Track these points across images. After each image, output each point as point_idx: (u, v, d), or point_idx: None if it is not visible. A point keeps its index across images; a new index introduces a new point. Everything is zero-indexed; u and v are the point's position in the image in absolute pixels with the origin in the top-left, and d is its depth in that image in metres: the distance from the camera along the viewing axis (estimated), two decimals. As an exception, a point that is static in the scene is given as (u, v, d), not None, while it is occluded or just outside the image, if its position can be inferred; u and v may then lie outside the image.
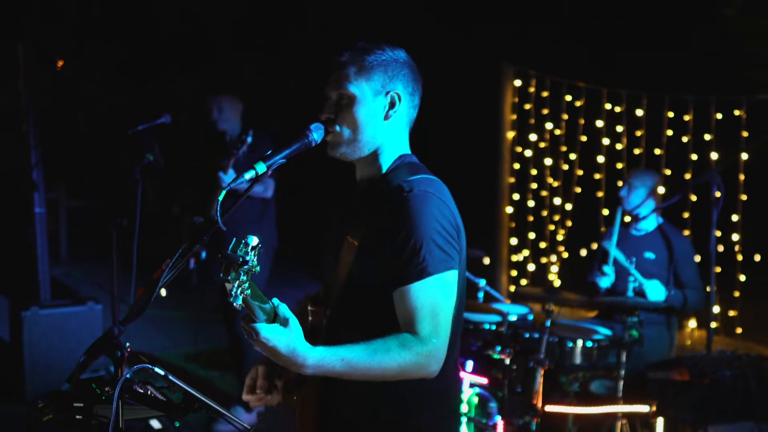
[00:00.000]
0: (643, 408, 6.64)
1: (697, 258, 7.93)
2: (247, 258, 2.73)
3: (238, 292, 2.76)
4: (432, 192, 3.23)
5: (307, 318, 3.51)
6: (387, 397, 3.27)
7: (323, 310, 3.48)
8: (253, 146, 7.78)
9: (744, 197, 9.97)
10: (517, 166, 11.65)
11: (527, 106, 11.44)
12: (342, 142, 3.35)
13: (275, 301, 2.99)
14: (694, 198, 10.29)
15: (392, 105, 3.39)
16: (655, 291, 7.35)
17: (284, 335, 2.90)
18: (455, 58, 15.90)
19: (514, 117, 11.50)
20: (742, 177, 9.92)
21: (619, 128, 10.85)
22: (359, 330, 3.15)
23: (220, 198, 3.02)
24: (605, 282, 7.69)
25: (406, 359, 3.05)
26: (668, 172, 10.55)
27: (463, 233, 3.36)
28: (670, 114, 10.40)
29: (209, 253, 8.19)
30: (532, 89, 11.41)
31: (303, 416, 3.46)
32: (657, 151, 10.59)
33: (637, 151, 10.80)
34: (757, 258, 10.59)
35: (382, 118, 3.39)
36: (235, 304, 2.78)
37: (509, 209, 11.64)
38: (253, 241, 2.77)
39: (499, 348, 6.75)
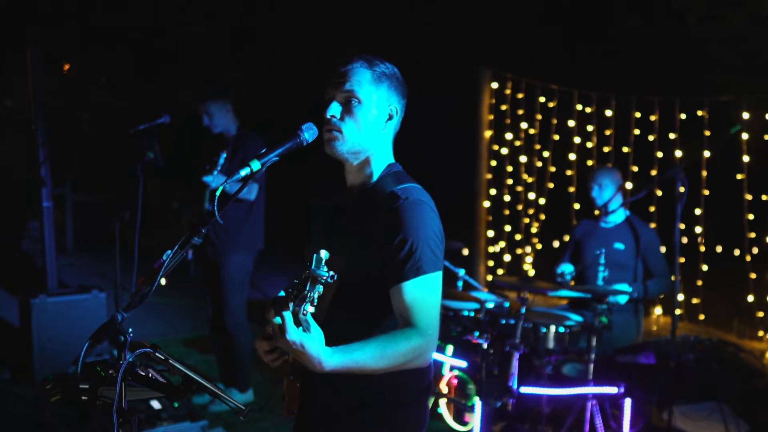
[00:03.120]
0: (612, 389, 6.66)
1: (663, 249, 7.96)
2: (324, 274, 2.73)
3: (308, 305, 2.78)
4: (425, 201, 3.32)
5: None
6: (367, 378, 3.25)
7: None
8: (240, 150, 7.78)
9: (706, 192, 9.99)
10: (494, 163, 11.64)
11: (503, 107, 11.43)
12: (343, 142, 3.36)
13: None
14: (659, 193, 10.30)
15: (390, 117, 3.45)
16: (619, 297, 7.40)
17: (311, 341, 2.85)
18: (437, 62, 15.92)
19: (491, 117, 11.49)
20: (704, 173, 9.94)
21: (590, 128, 10.86)
22: (354, 319, 3.21)
23: (218, 193, 3.01)
24: (567, 277, 7.74)
25: (411, 351, 3.12)
26: (635, 168, 10.57)
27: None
28: (637, 114, 10.40)
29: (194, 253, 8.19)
30: (508, 91, 11.40)
31: (290, 392, 3.48)
32: (625, 149, 10.61)
33: (606, 149, 10.81)
34: (719, 249, 10.62)
35: (381, 128, 3.43)
36: (307, 313, 2.80)
37: (486, 203, 11.64)
38: (325, 254, 2.77)
39: (477, 333, 6.75)
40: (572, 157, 11.15)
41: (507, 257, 12.05)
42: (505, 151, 11.58)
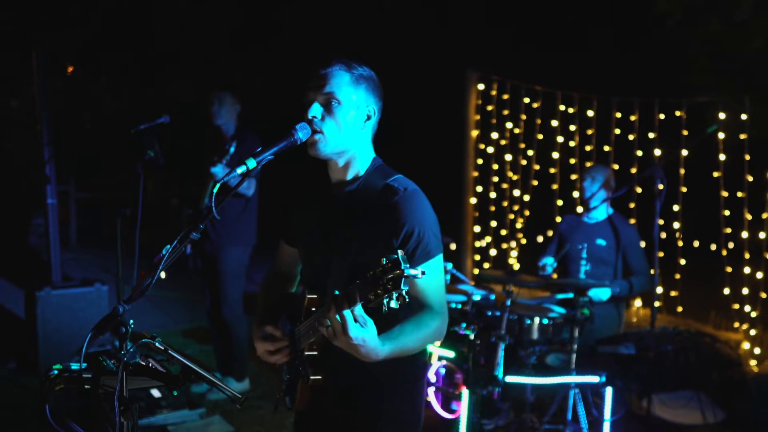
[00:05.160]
0: (594, 379, 6.66)
1: (642, 244, 7.97)
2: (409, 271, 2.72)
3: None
4: (420, 190, 3.43)
5: (301, 301, 3.50)
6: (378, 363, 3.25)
7: (319, 297, 3.44)
8: (240, 146, 7.75)
9: (684, 189, 9.99)
10: (480, 161, 11.64)
11: (489, 108, 11.43)
12: (326, 143, 3.36)
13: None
14: (639, 190, 10.31)
15: (368, 118, 3.48)
16: (601, 293, 7.41)
17: (371, 336, 2.94)
18: (427, 65, 15.92)
19: (478, 117, 11.49)
20: (682, 171, 9.94)
21: (572, 127, 10.86)
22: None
23: (215, 190, 3.00)
24: (549, 269, 7.77)
25: (436, 331, 3.35)
26: (616, 166, 10.56)
27: None
28: (618, 114, 10.40)
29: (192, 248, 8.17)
30: (494, 92, 11.40)
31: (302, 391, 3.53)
32: (606, 148, 10.61)
33: (588, 148, 10.81)
34: (696, 244, 10.63)
35: (361, 127, 3.45)
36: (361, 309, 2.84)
37: (473, 200, 11.64)
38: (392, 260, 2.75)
39: (464, 325, 6.76)
40: (555, 155, 11.14)
41: (493, 252, 12.06)
42: (491, 149, 11.58)
